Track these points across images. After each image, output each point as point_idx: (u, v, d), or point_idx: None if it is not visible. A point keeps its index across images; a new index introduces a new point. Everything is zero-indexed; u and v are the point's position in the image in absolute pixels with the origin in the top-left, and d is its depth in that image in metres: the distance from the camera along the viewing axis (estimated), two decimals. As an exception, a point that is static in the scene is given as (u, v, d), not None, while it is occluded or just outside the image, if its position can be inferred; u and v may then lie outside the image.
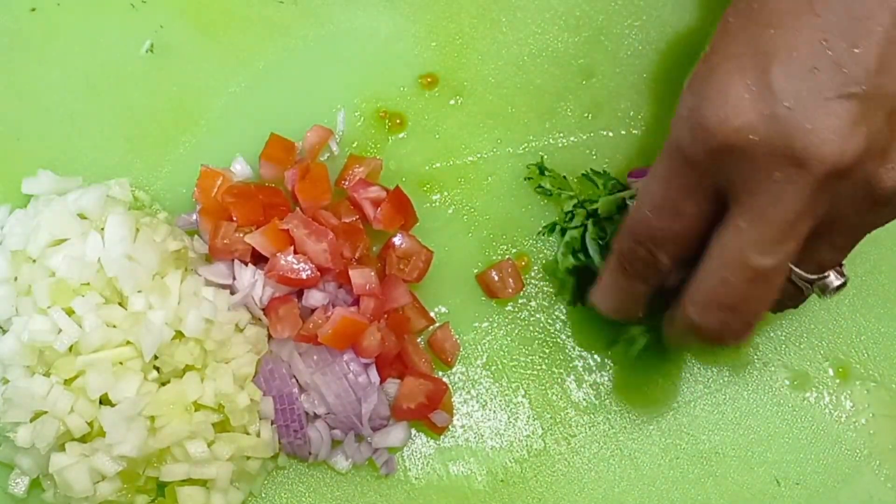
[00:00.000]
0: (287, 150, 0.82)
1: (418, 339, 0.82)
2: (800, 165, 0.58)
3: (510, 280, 0.83)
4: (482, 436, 0.81)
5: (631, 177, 0.83)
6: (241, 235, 0.78)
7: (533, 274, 0.85)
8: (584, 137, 0.87)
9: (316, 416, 0.78)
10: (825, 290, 0.68)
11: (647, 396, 0.83)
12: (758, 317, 0.66)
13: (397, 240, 0.81)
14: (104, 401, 0.72)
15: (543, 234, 0.84)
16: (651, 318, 0.76)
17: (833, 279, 0.68)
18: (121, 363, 0.72)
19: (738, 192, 0.61)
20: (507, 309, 0.84)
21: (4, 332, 0.74)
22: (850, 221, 0.63)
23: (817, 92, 0.58)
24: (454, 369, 0.82)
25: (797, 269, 0.66)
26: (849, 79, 0.58)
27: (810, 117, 0.58)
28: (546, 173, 0.85)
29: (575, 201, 0.82)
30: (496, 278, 0.83)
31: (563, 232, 0.83)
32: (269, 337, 0.78)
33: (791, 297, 0.70)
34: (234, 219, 0.78)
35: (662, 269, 0.69)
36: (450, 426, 0.81)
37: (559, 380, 0.83)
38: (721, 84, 0.60)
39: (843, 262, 0.68)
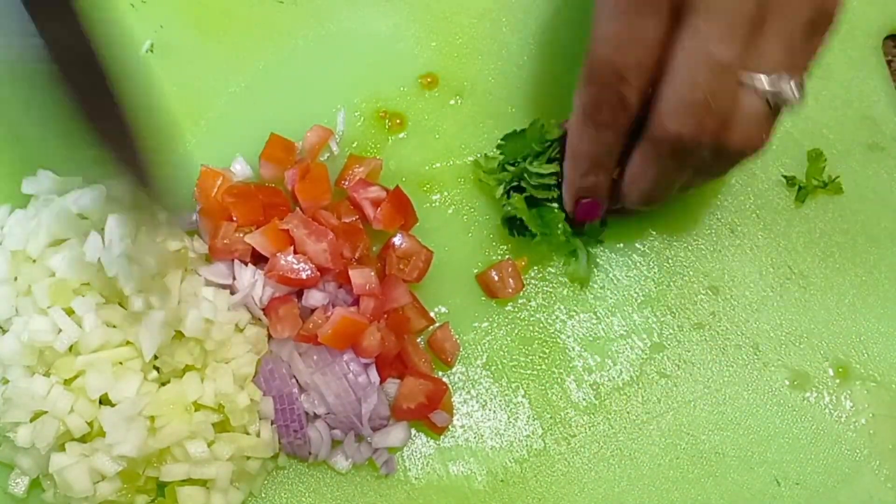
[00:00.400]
0: (287, 150, 0.82)
1: (418, 339, 0.82)
2: None
3: (510, 280, 0.83)
4: (482, 436, 0.81)
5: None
6: (241, 235, 0.78)
7: (533, 274, 0.85)
8: (584, 137, 0.87)
9: (316, 416, 0.78)
10: (783, 98, 0.70)
11: (647, 396, 0.83)
12: (730, 118, 0.69)
13: (397, 240, 0.81)
14: (104, 401, 0.72)
15: (505, 227, 0.84)
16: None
17: (787, 86, 0.70)
18: (121, 363, 0.72)
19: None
20: (507, 309, 0.84)
21: (4, 332, 0.74)
22: (791, 8, 0.67)
23: None
24: (454, 369, 0.82)
25: (754, 74, 0.68)
26: None
27: None
28: (482, 166, 0.85)
29: (507, 179, 0.83)
30: (496, 278, 0.83)
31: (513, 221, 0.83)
32: (269, 337, 0.78)
33: (756, 115, 0.70)
34: (234, 219, 0.78)
35: (629, 108, 0.71)
36: (450, 426, 0.81)
37: (559, 380, 0.83)
38: None
39: (799, 78, 0.70)
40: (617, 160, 0.76)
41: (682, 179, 0.76)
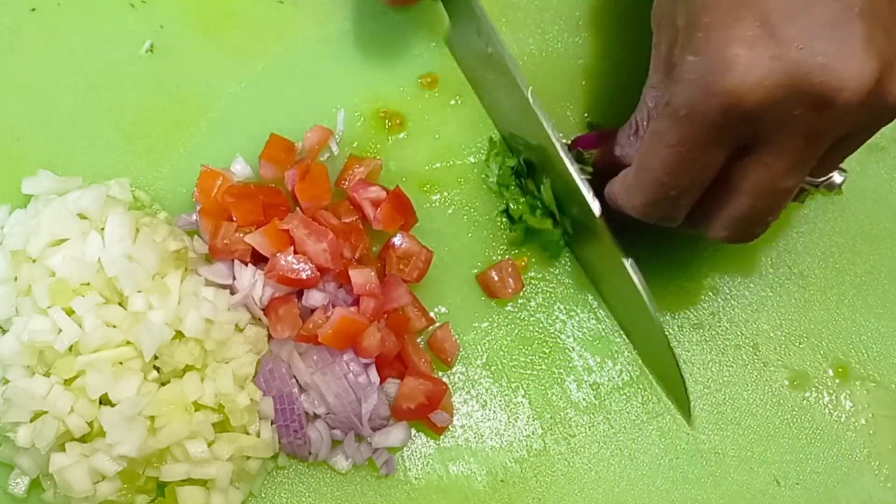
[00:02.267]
0: (287, 151, 0.82)
1: (418, 339, 0.82)
2: (822, 101, 0.59)
3: (510, 280, 0.83)
4: (482, 436, 0.81)
5: (578, 146, 0.82)
6: (241, 235, 0.78)
7: (533, 274, 0.85)
8: (584, 137, 0.87)
9: (316, 416, 0.78)
10: (832, 188, 0.72)
11: (647, 396, 0.83)
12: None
13: (397, 240, 0.81)
14: (104, 401, 0.72)
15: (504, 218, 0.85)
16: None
17: (837, 177, 0.71)
18: (121, 363, 0.72)
19: (759, 136, 0.63)
20: (507, 309, 0.84)
21: (4, 332, 0.74)
22: (859, 134, 0.66)
23: (820, 25, 0.59)
24: (454, 369, 0.82)
25: (808, 178, 0.69)
26: (843, 4, 0.59)
27: (822, 51, 0.59)
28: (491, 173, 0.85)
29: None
30: (496, 278, 0.83)
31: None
32: (269, 337, 0.78)
33: (796, 196, 0.72)
34: (234, 219, 0.78)
35: (677, 218, 0.71)
36: (450, 426, 0.81)
37: (559, 380, 0.83)
38: (724, 42, 0.60)
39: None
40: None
41: None
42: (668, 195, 0.68)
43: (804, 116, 0.61)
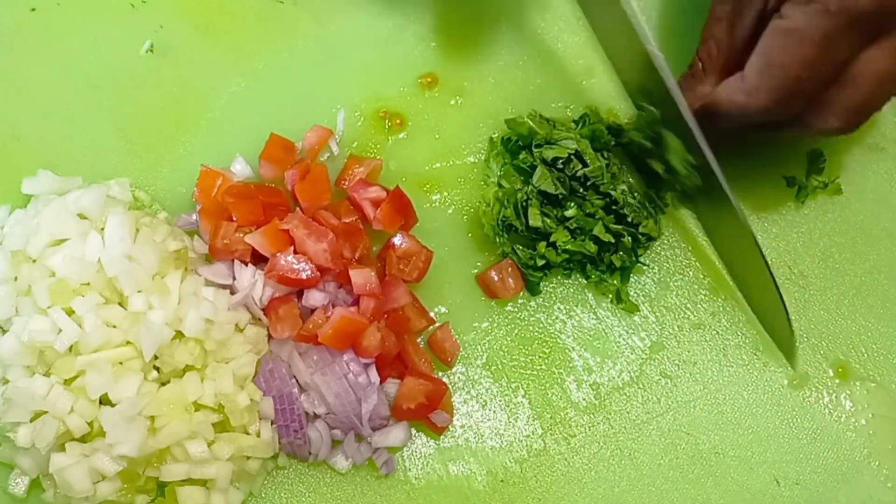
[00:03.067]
0: (287, 150, 0.82)
1: (418, 339, 0.82)
2: None
3: (510, 280, 0.83)
4: (482, 436, 0.81)
5: None
6: (241, 235, 0.78)
7: (533, 274, 0.85)
8: (584, 137, 0.87)
9: (316, 416, 0.78)
10: None
11: (647, 396, 0.83)
12: None
13: (397, 240, 0.81)
14: (104, 401, 0.72)
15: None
16: None
17: None
18: (121, 363, 0.72)
19: (893, 22, 0.68)
20: (507, 309, 0.84)
21: (4, 332, 0.74)
22: None
23: None
24: (454, 369, 0.82)
25: None
26: None
27: None
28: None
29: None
30: (496, 278, 0.83)
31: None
32: (269, 337, 0.78)
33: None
34: (234, 219, 0.78)
35: (796, 109, 0.75)
36: (450, 426, 0.81)
37: (559, 380, 0.83)
38: None
39: None
40: None
41: None
42: (802, 87, 0.72)
43: None
